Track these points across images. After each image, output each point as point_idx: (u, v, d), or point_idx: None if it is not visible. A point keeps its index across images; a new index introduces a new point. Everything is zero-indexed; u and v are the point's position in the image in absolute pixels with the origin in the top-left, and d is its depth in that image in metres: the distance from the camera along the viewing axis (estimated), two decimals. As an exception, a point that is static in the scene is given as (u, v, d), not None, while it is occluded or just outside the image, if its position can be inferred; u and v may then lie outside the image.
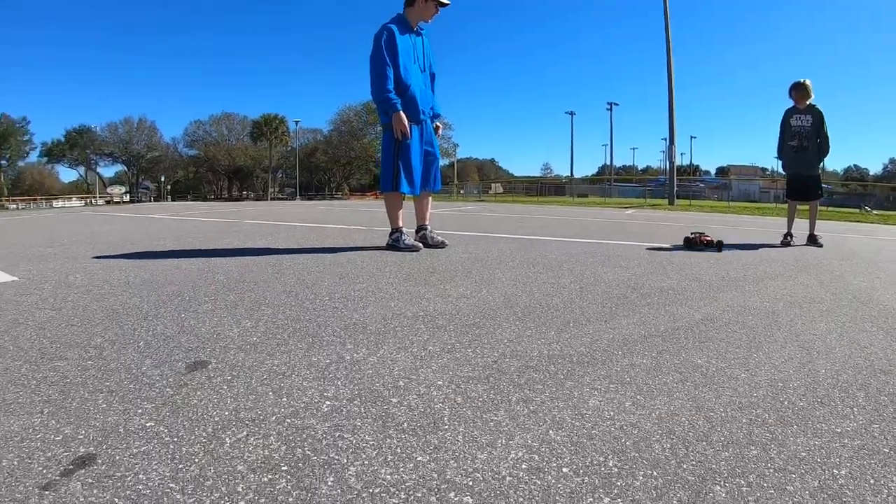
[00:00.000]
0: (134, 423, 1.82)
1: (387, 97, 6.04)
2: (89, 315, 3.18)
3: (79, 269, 4.75)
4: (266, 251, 6.01)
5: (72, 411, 1.91)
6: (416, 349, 2.64)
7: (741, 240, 9.16)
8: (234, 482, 1.49)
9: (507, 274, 4.75)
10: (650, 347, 2.76)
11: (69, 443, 1.68)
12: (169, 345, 2.66)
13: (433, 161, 6.59)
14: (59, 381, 2.17)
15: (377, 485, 1.49)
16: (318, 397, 2.06)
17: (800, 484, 1.56)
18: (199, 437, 1.74)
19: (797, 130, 8.79)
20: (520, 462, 1.62)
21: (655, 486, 1.51)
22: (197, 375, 2.26)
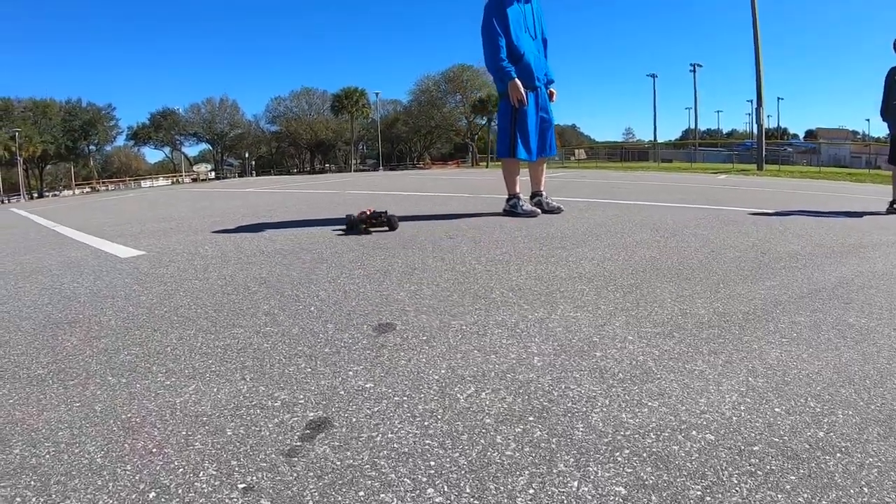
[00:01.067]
0: (352, 385, 1.89)
1: (501, 66, 6.15)
2: (240, 283, 3.31)
3: (205, 241, 4.93)
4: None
5: (275, 377, 1.97)
6: (591, 308, 2.75)
7: (844, 207, 8.95)
8: (490, 434, 1.56)
9: (635, 238, 4.84)
10: (803, 307, 2.85)
11: (292, 408, 1.73)
12: (342, 309, 2.77)
13: (549, 127, 6.68)
14: (245, 348, 2.26)
15: (626, 428, 1.60)
16: (524, 353, 2.16)
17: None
18: (428, 394, 1.82)
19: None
20: (738, 404, 1.76)
21: (855, 423, 1.65)
22: (390, 337, 2.35)
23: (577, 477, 1.38)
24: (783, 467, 1.43)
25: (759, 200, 9.74)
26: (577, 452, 1.48)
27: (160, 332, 2.52)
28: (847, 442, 1.55)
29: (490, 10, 6.21)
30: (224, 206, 8.77)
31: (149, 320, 2.70)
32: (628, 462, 1.44)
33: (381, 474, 1.39)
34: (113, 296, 3.17)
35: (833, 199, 11.15)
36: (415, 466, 1.42)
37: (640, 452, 1.49)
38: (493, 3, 6.23)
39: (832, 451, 1.51)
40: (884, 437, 1.59)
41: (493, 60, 6.21)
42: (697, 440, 1.55)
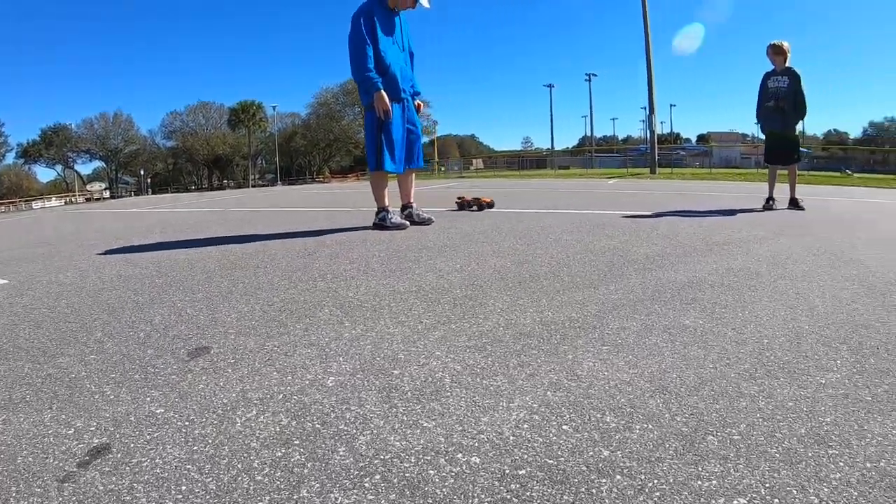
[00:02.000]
0: (144, 411, 1.85)
1: (368, 76, 6.06)
2: (85, 311, 3.20)
3: (69, 267, 4.74)
4: (255, 237, 6.02)
5: (80, 405, 1.93)
6: (412, 323, 2.69)
7: (726, 205, 9.23)
8: (249, 458, 1.53)
9: (495, 247, 4.80)
10: (639, 311, 2.82)
11: (82, 435, 1.71)
12: (169, 334, 2.69)
13: (416, 139, 6.63)
14: (63, 377, 2.20)
15: (388, 451, 1.54)
16: (321, 374, 2.11)
17: (788, 431, 1.63)
18: (209, 419, 1.78)
19: (774, 92, 8.82)
20: (522, 422, 1.68)
21: (652, 438, 1.57)
22: (200, 361, 2.30)
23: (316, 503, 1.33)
24: (545, 494, 1.34)
25: (642, 203, 9.91)
26: (327, 478, 1.44)
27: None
28: (634, 461, 1.47)
29: (358, 20, 6.13)
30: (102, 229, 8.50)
31: (-13, 352, 2.63)
32: (374, 489, 1.39)
33: (134, 499, 1.38)
34: (-39, 329, 3.08)
35: (717, 198, 11.45)
36: (166, 491, 1.41)
37: (391, 478, 1.43)
38: (361, 14, 6.16)
39: (612, 472, 1.42)
40: (680, 454, 1.51)
41: (360, 71, 6.11)
42: (460, 464, 1.48)
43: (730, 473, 1.41)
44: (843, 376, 2.06)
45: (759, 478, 1.39)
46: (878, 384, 1.99)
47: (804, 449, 1.54)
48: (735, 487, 1.35)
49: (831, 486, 1.36)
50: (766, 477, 1.40)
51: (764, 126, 9.18)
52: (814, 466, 1.45)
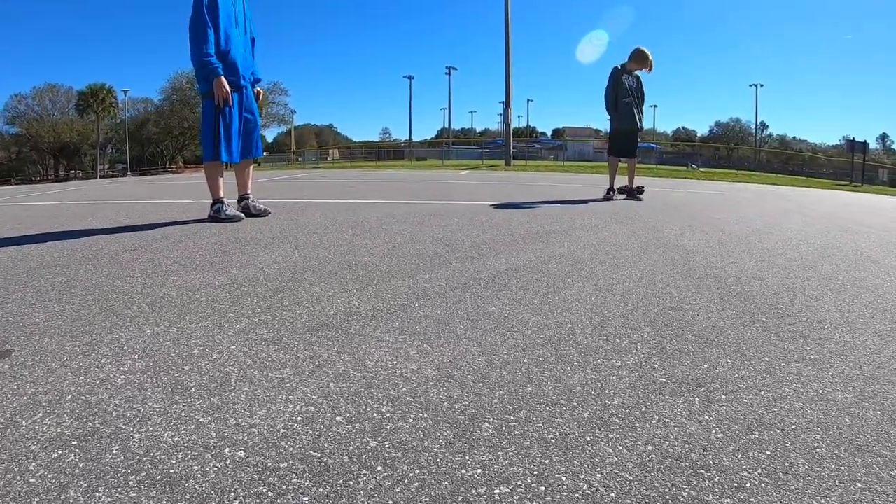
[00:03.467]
0: None
1: (207, 62, 5.90)
2: None
3: None
4: (85, 233, 5.77)
5: None
6: (217, 317, 2.65)
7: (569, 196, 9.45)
8: (26, 461, 1.48)
9: (324, 238, 4.78)
10: (447, 299, 2.85)
11: None
12: None
13: (253, 128, 6.48)
14: None
15: (158, 448, 1.51)
16: (114, 372, 2.05)
17: (569, 416, 1.67)
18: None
19: (630, 89, 9.29)
20: (296, 415, 1.67)
21: (424, 428, 1.58)
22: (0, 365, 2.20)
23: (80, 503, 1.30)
24: (302, 486, 1.34)
25: (489, 194, 10.04)
26: (95, 477, 1.40)
27: None
28: (399, 452, 1.48)
29: (199, 2, 5.92)
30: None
31: None
32: (138, 486, 1.37)
33: None
34: None
35: (564, 189, 11.72)
36: None
37: (156, 475, 1.41)
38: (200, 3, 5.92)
39: (373, 464, 1.43)
40: (450, 442, 1.53)
41: (199, 55, 5.91)
42: (225, 458, 1.47)
43: (498, 461, 1.43)
44: (641, 359, 2.13)
45: (528, 465, 1.41)
46: (675, 365, 2.07)
47: (583, 434, 1.57)
48: (500, 475, 1.37)
49: (605, 472, 1.39)
50: (535, 464, 1.42)
51: (619, 121, 9.54)
52: (590, 451, 1.48)
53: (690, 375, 1.99)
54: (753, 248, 4.45)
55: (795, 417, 1.70)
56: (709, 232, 5.28)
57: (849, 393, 1.89)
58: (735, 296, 3.03)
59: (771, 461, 1.46)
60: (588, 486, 1.34)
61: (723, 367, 2.08)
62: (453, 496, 1.30)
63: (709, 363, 2.10)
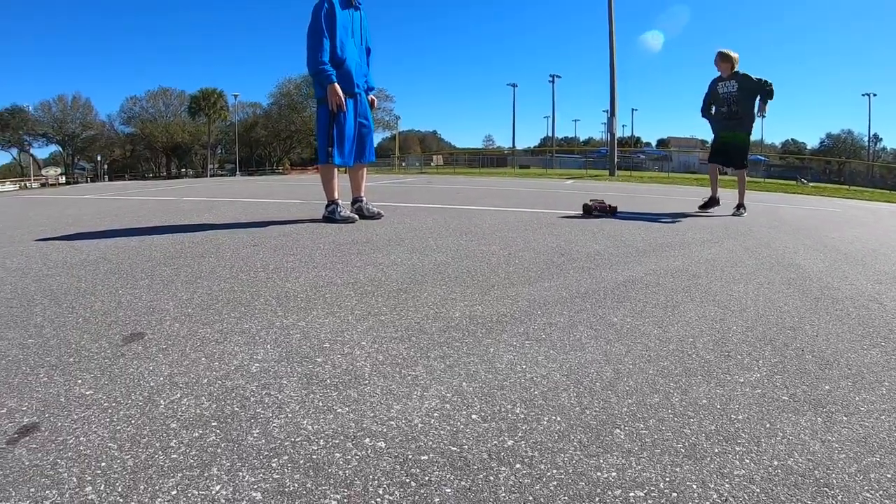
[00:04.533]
0: (74, 393, 1.87)
1: (322, 69, 6.04)
2: (28, 296, 3.18)
3: (17, 252, 4.67)
4: (204, 227, 5.97)
5: (15, 386, 1.94)
6: (344, 314, 2.71)
7: (676, 209, 9.30)
8: (167, 438, 1.56)
9: (439, 242, 4.82)
10: (569, 307, 2.87)
11: (14, 414, 1.72)
12: (106, 319, 2.69)
13: (367, 133, 6.61)
14: (0, 360, 2.19)
15: (299, 434, 1.57)
16: (247, 360, 2.13)
17: (697, 427, 1.68)
18: (135, 401, 1.79)
19: (725, 97, 8.86)
20: (432, 411, 1.72)
21: (558, 430, 1.61)
22: (133, 346, 2.30)
23: (224, 481, 1.38)
24: (443, 479, 1.39)
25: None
26: (237, 458, 1.48)
27: (-66, 348, 2.44)
28: (536, 452, 1.52)
29: (318, 11, 6.09)
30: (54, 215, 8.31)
31: (-69, 337, 2.60)
32: (280, 469, 1.43)
33: (56, 473, 1.42)
34: None
35: (670, 201, 11.52)
36: (86, 467, 1.45)
37: (297, 459, 1.47)
38: (321, 6, 6.11)
39: (512, 461, 1.46)
40: (584, 445, 1.56)
41: (315, 63, 6.08)
42: (366, 448, 1.52)
43: (631, 466, 1.45)
44: (763, 376, 2.11)
45: (659, 472, 1.43)
46: (797, 385, 2.05)
47: (711, 445, 1.58)
48: (634, 480, 1.39)
49: (733, 483, 1.41)
50: (667, 471, 1.44)
51: (716, 128, 9.22)
52: (718, 462, 1.49)
53: (812, 395, 1.97)
54: (870, 270, 4.35)
55: (918, 444, 1.67)
56: (823, 251, 5.17)
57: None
58: (853, 318, 2.97)
59: (892, 484, 1.45)
60: (718, 496, 1.36)
61: (843, 389, 2.05)
62: (590, 496, 1.33)
63: (829, 384, 2.08)
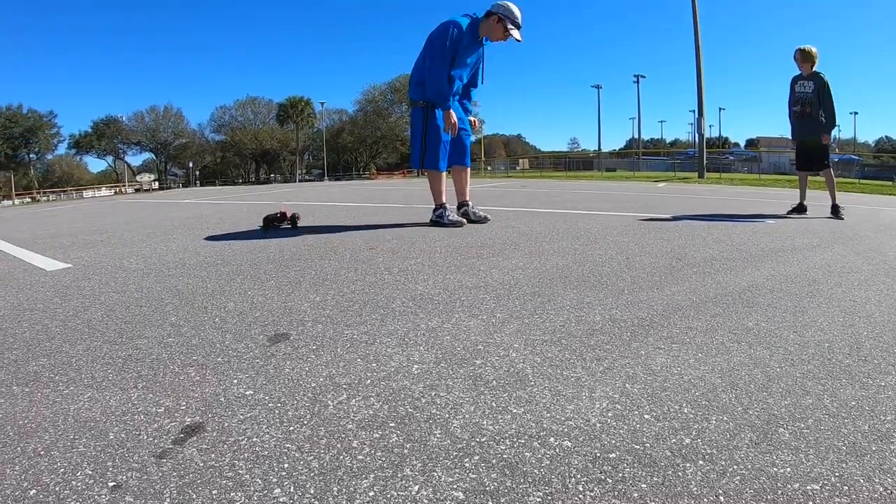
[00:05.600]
0: (233, 393, 1.94)
1: (442, 92, 6.18)
2: (155, 296, 3.29)
3: (132, 253, 4.84)
4: (311, 230, 6.14)
5: (166, 385, 2.01)
6: (486, 316, 2.77)
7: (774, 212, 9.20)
8: (347, 439, 1.61)
9: (555, 246, 4.86)
10: (703, 312, 2.90)
11: (173, 414, 1.78)
12: (245, 320, 2.78)
13: (465, 136, 6.73)
14: (144, 358, 2.28)
15: (482, 434, 1.62)
16: (405, 361, 2.19)
17: (853, 427, 1.72)
18: (301, 401, 1.86)
19: (800, 97, 8.73)
20: (606, 411, 1.77)
21: (727, 429, 1.67)
22: (282, 347, 2.37)
23: (420, 481, 1.41)
24: (636, 475, 1.44)
25: (692, 207, 9.87)
26: (427, 458, 1.51)
27: (69, 343, 2.52)
28: (714, 449, 1.57)
29: (448, 32, 6.16)
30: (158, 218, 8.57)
31: (62, 332, 2.69)
32: (475, 468, 1.46)
33: (237, 475, 1.45)
34: (32, 308, 3.14)
35: (767, 204, 11.33)
36: (269, 468, 1.48)
37: (489, 459, 1.51)
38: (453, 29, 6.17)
39: (694, 458, 1.52)
40: (755, 443, 1.60)
41: (438, 84, 6.17)
42: (553, 447, 1.57)
43: (802, 462, 1.50)
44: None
45: (828, 467, 1.48)
46: (936, 387, 2.05)
47: (868, 443, 1.62)
48: (808, 475, 1.44)
49: (894, 477, 1.45)
50: (835, 467, 1.48)
51: (792, 132, 9.15)
52: (878, 459, 1.53)
53: (955, 401, 1.98)
54: None
55: None
56: (938, 256, 5.06)
57: None
58: (984, 326, 2.93)
59: None
60: (883, 489, 1.40)
61: None
62: (773, 489, 1.38)
63: (970, 391, 2.08)
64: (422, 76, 6.33)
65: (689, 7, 35.72)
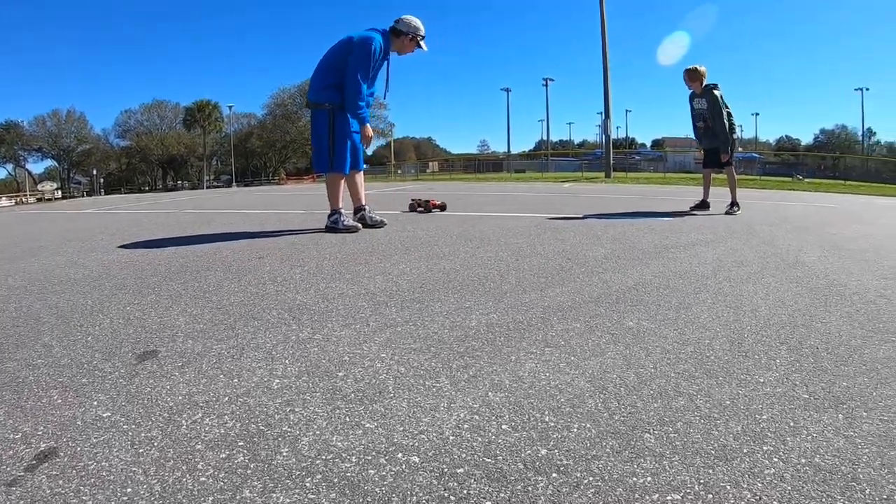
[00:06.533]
0: (90, 415, 1.85)
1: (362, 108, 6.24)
2: (34, 314, 3.16)
3: (17, 270, 4.63)
4: (206, 238, 5.98)
5: (28, 409, 1.91)
6: (359, 326, 2.70)
7: (675, 209, 9.41)
8: (193, 460, 1.54)
9: (445, 250, 4.82)
10: (584, 312, 2.87)
11: (29, 439, 1.70)
12: (117, 338, 2.67)
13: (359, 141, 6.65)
14: (10, 382, 2.16)
15: (329, 451, 1.56)
16: (267, 376, 2.12)
17: (724, 428, 1.68)
18: (156, 422, 1.78)
19: (699, 113, 9.15)
20: (462, 422, 1.71)
21: (589, 437, 1.61)
22: (148, 365, 2.29)
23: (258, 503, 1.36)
24: (482, 491, 1.38)
25: (595, 206, 10.00)
26: (269, 478, 1.47)
27: (-64, 369, 2.41)
28: (571, 459, 1.52)
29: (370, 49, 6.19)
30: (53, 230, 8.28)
31: (-70, 359, 2.57)
32: (315, 488, 1.42)
33: (81, 501, 1.40)
34: None
35: (669, 202, 11.59)
36: (112, 493, 1.43)
37: (331, 478, 1.46)
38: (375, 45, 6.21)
39: (548, 470, 1.46)
40: (617, 451, 1.56)
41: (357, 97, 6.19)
42: (400, 463, 1.52)
43: (665, 470, 1.45)
44: (782, 375, 2.13)
45: (693, 474, 1.44)
46: (816, 382, 2.06)
47: (739, 446, 1.59)
48: (670, 484, 1.40)
49: (765, 482, 1.42)
50: (700, 474, 1.44)
51: (700, 141, 9.62)
52: (749, 462, 1.50)
53: (831, 392, 1.99)
54: (873, 266, 4.35)
55: (938, 437, 1.68)
56: (826, 248, 5.19)
57: None
58: (862, 314, 2.98)
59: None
60: (752, 495, 1.37)
61: (861, 385, 2.07)
62: (628, 501, 1.33)
63: (847, 381, 2.09)
64: (334, 81, 6.31)
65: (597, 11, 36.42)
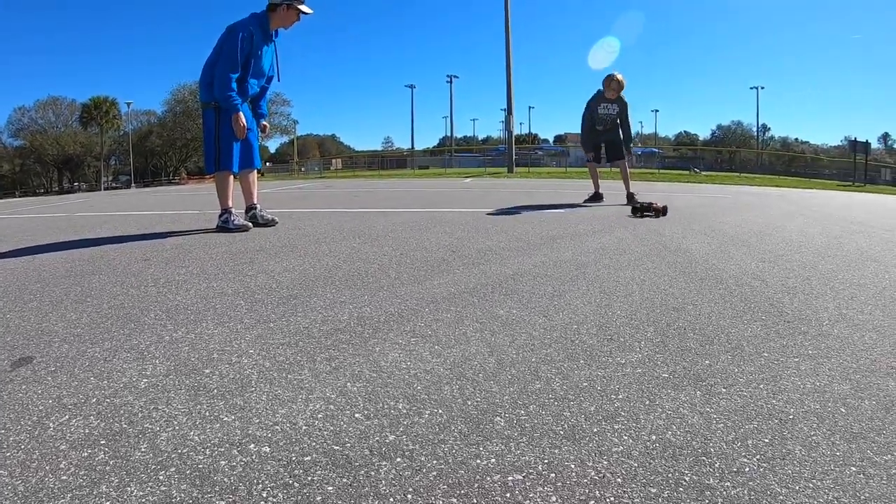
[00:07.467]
0: None
1: (230, 97, 5.96)
2: None
3: None
4: (96, 242, 5.81)
5: None
6: (233, 324, 2.71)
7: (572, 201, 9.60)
8: (56, 460, 1.54)
9: (332, 246, 4.83)
10: (457, 303, 2.93)
11: None
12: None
13: (253, 139, 6.53)
14: None
15: (186, 445, 1.58)
16: (136, 377, 2.11)
17: (577, 409, 1.75)
18: (24, 426, 1.76)
19: (604, 117, 9.33)
20: (317, 413, 1.75)
21: (439, 422, 1.66)
22: (22, 371, 2.26)
23: (113, 497, 1.38)
24: (325, 478, 1.42)
25: (492, 201, 10.09)
26: (126, 473, 1.47)
27: None
28: (417, 445, 1.56)
29: (237, 38, 5.95)
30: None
31: None
32: (168, 481, 1.44)
33: None
34: None
35: (566, 195, 11.72)
36: None
37: (185, 470, 1.48)
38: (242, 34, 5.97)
39: (393, 455, 1.51)
40: (464, 435, 1.61)
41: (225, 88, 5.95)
42: (251, 454, 1.54)
43: (510, 451, 1.51)
44: (645, 356, 2.21)
45: (538, 454, 1.49)
46: (678, 362, 2.16)
47: (590, 426, 1.65)
48: (513, 464, 1.45)
49: (611, 459, 1.48)
50: (546, 453, 1.50)
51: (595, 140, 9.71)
52: (597, 441, 1.56)
53: (692, 371, 2.07)
54: (755, 250, 4.53)
55: (793, 408, 1.78)
56: (711, 235, 5.36)
57: (845, 385, 1.97)
58: (736, 296, 3.10)
59: (769, 448, 1.53)
60: (595, 473, 1.42)
61: (723, 362, 2.16)
62: (469, 483, 1.38)
63: (710, 359, 2.18)
64: (211, 79, 6.12)
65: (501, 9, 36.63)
